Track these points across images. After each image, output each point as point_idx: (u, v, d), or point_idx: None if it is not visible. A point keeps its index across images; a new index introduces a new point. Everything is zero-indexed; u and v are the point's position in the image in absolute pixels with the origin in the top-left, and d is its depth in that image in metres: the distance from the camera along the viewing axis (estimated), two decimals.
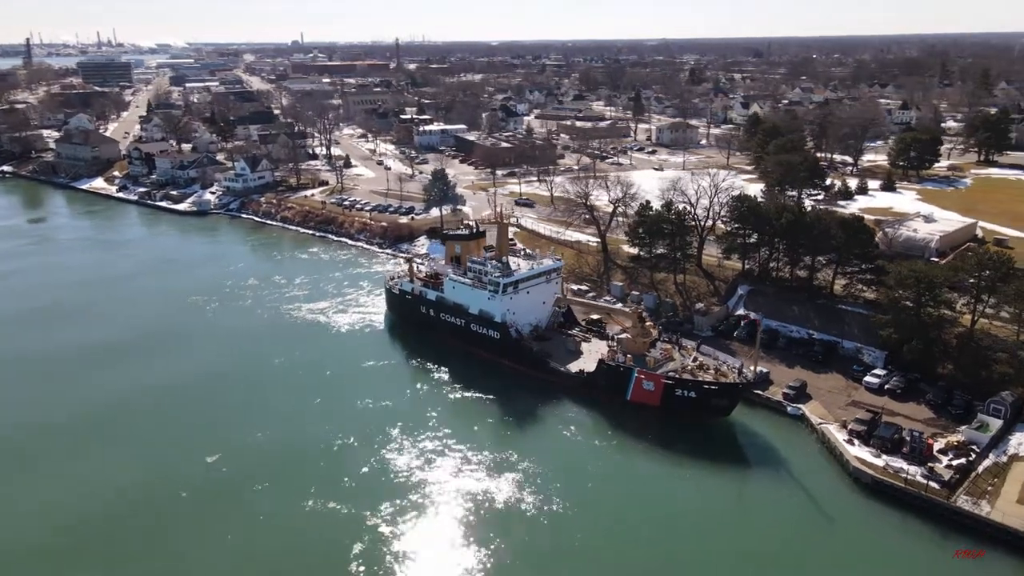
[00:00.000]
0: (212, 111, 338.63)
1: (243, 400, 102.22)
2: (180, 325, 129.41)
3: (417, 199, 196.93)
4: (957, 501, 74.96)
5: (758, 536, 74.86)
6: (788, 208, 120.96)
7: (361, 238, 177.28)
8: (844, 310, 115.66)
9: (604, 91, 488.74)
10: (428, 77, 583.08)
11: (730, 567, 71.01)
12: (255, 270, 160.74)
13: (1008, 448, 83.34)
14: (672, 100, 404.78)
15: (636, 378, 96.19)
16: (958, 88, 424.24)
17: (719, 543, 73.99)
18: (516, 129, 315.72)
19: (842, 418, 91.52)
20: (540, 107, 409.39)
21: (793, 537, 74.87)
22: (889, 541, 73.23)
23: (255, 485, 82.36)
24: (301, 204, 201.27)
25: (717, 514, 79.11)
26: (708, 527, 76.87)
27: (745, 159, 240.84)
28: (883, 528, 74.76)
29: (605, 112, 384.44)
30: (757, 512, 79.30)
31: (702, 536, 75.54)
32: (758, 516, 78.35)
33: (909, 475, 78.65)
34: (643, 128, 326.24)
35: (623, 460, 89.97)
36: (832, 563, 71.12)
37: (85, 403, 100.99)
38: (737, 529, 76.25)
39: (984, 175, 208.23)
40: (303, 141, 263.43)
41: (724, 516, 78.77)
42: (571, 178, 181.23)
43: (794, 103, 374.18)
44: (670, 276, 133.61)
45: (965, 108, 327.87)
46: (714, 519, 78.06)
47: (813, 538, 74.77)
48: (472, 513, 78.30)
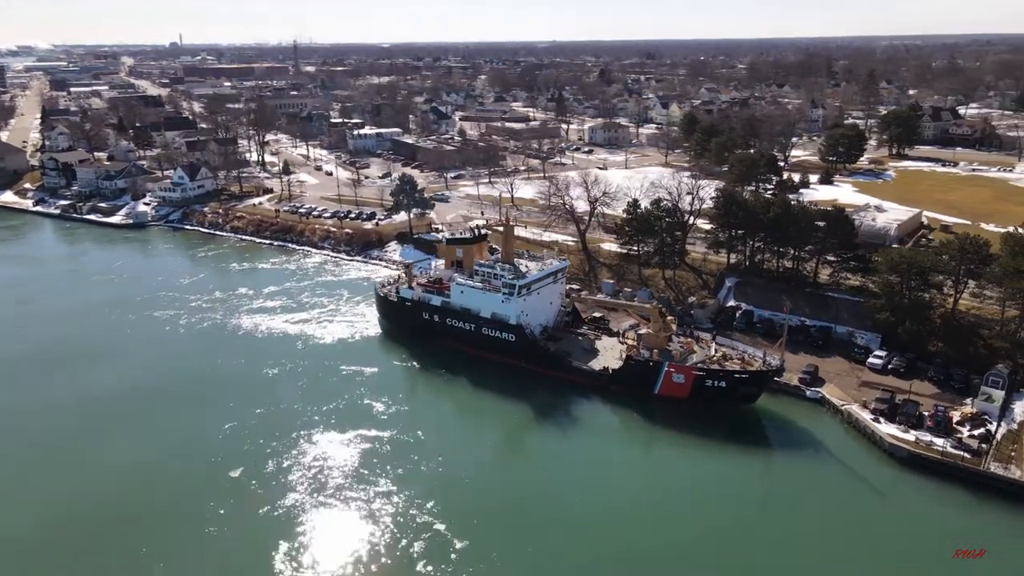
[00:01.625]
0: (119, 117, 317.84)
1: (263, 417, 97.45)
2: (155, 341, 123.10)
3: (374, 204, 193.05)
4: (989, 467, 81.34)
5: (814, 516, 78.12)
6: (774, 202, 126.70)
7: (326, 246, 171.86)
8: (832, 297, 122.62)
9: (519, 92, 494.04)
10: (337, 80, 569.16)
11: (795, 545, 73.79)
12: (218, 283, 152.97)
13: (1015, 416, 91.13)
14: (592, 101, 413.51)
15: (666, 372, 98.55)
16: (845, 88, 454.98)
17: (774, 525, 77.07)
18: (448, 131, 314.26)
19: (857, 399, 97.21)
20: (461, 109, 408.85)
21: (851, 513, 78.49)
22: (939, 509, 78.68)
23: (304, 498, 79.74)
24: (251, 213, 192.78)
25: (765, 497, 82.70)
26: (758, 510, 79.88)
27: (683, 157, 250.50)
28: (929, 498, 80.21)
29: (529, 113, 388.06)
30: (805, 492, 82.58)
31: (756, 519, 78.17)
32: (807, 496, 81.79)
33: (938, 447, 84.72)
34: (572, 128, 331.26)
35: (658, 452, 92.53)
36: (893, 533, 75.20)
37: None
38: (789, 510, 79.59)
39: (902, 168, 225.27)
40: (234, 147, 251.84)
41: (773, 498, 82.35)
42: (548, 178, 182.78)
43: (706, 103, 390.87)
44: (658, 272, 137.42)
45: (861, 106, 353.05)
46: (763, 502, 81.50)
47: (869, 512, 78.75)
48: (518, 509, 79.46)
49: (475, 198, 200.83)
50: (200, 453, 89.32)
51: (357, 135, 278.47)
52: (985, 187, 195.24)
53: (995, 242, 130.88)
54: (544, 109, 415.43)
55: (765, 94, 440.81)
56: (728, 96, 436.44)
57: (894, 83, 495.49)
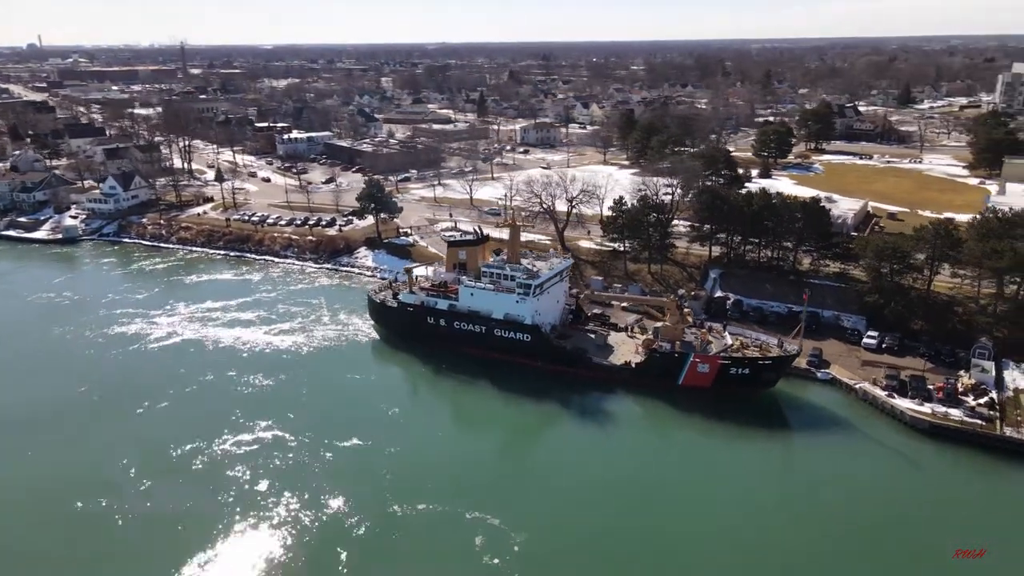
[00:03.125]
0: (12, 124, 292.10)
1: (297, 430, 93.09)
2: (130, 360, 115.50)
3: (329, 210, 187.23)
4: (1004, 432, 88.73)
5: (853, 488, 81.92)
6: (755, 196, 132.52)
7: (289, 254, 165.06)
8: (814, 283, 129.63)
9: (431, 94, 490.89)
10: (237, 83, 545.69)
11: (845, 518, 77.27)
12: (179, 296, 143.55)
13: (1007, 383, 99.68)
14: (511, 102, 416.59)
15: (691, 362, 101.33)
16: (748, 88, 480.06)
17: (819, 501, 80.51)
18: (376, 134, 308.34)
19: (865, 378, 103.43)
20: (379, 112, 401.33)
21: (888, 483, 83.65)
22: (968, 475, 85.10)
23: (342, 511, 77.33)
24: (198, 223, 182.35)
25: (804, 476, 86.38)
26: (800, 489, 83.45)
27: (619, 156, 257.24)
28: (959, 464, 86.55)
29: (449, 115, 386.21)
30: (842, 466, 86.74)
31: (799, 497, 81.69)
32: (845, 470, 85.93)
33: (955, 417, 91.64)
34: (500, 130, 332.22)
35: (690, 439, 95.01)
36: (937, 500, 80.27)
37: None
38: (829, 485, 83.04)
39: (826, 161, 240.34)
40: (158, 155, 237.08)
41: (812, 477, 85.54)
42: (508, 179, 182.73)
43: (621, 102, 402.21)
44: (643, 267, 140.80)
45: (769, 105, 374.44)
46: (803, 481, 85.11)
47: (906, 482, 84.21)
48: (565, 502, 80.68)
49: (431, 200, 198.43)
50: (246, 475, 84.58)
51: (287, 139, 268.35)
52: (905, 178, 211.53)
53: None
54: (460, 110, 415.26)
55: (672, 94, 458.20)
56: (639, 96, 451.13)
57: (784, 83, 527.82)
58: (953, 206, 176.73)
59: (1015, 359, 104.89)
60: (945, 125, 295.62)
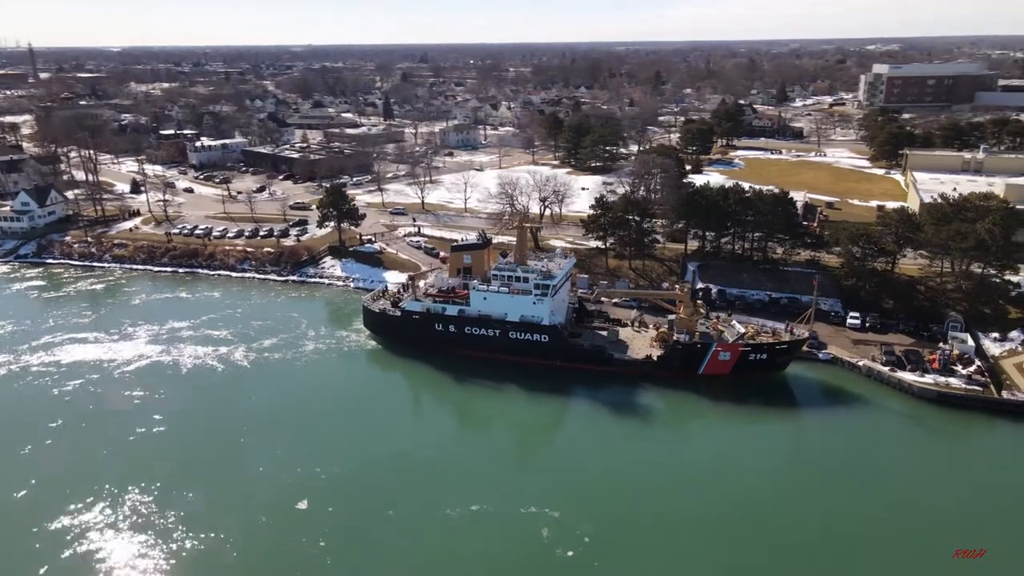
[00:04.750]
0: None
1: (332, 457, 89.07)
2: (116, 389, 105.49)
3: (275, 219, 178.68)
4: (1003, 396, 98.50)
5: (883, 462, 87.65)
6: (732, 191, 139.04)
7: (247, 268, 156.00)
8: (788, 271, 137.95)
9: (323, 97, 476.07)
10: (110, 89, 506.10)
11: (880, 485, 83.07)
12: (135, 317, 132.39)
13: (987, 352, 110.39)
14: (415, 105, 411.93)
15: (714, 351, 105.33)
16: (637, 88, 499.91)
17: (849, 471, 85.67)
18: (290, 140, 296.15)
19: (863, 355, 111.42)
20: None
21: (911, 449, 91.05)
22: (984, 432, 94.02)
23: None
24: (133, 239, 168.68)
25: (832, 449, 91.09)
26: (830, 461, 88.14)
27: (545, 155, 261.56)
28: (970, 426, 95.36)
29: (356, 119, 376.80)
30: (863, 440, 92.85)
31: (832, 469, 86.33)
32: (866, 443, 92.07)
33: (956, 385, 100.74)
34: (416, 133, 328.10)
35: (720, 425, 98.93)
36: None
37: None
38: (855, 457, 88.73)
39: (742, 156, 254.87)
40: (57, 167, 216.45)
41: (840, 448, 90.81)
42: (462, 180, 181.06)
43: (526, 103, 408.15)
44: (624, 263, 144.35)
45: (672, 104, 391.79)
46: (831, 453, 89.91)
47: (927, 446, 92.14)
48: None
49: (379, 206, 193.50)
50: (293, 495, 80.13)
51: (200, 147, 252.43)
52: (821, 170, 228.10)
53: (869, 215, 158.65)
54: (363, 114, 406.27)
55: (567, 95, 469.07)
56: (538, 96, 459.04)
57: (668, 84, 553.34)
58: (873, 194, 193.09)
59: (981, 330, 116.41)
60: (831, 121, 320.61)
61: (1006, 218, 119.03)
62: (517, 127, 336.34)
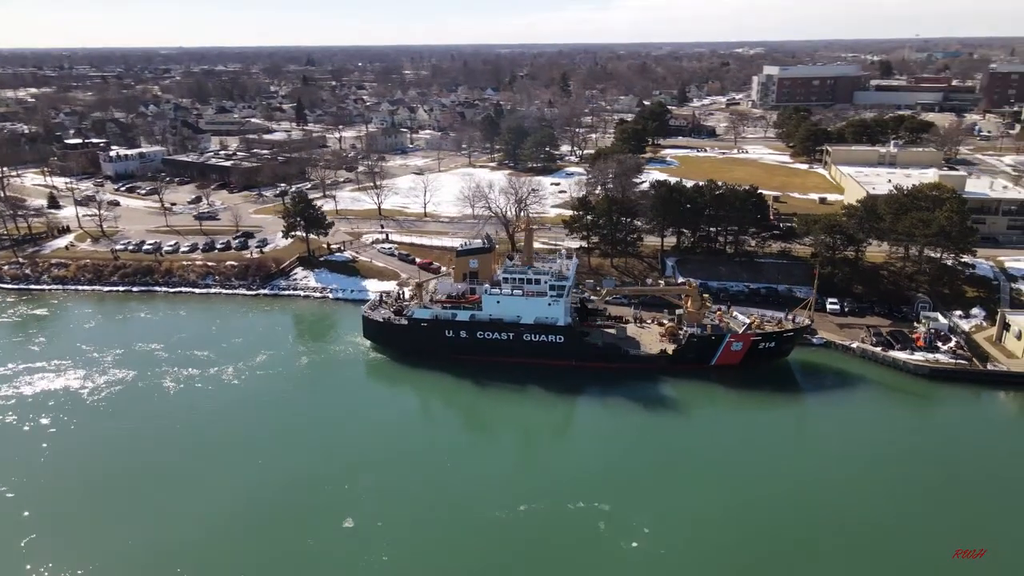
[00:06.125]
0: None
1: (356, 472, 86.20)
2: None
3: (226, 231, 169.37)
4: (987, 367, 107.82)
5: (891, 435, 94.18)
6: (707, 188, 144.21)
7: (211, 283, 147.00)
8: (761, 263, 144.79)
9: (224, 103, 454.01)
10: None
11: (892, 456, 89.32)
12: (99, 342, 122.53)
13: (959, 328, 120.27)
14: (328, 109, 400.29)
15: (727, 342, 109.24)
16: (548, 90, 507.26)
17: (861, 446, 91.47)
18: (206, 147, 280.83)
19: (853, 338, 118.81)
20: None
21: (919, 424, 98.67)
22: (975, 403, 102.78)
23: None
24: (74, 257, 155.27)
25: (841, 428, 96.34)
26: (841, 440, 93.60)
27: (480, 157, 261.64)
28: (964, 397, 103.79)
29: (268, 125, 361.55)
30: (870, 415, 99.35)
31: (841, 445, 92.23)
32: (873, 419, 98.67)
33: (946, 361, 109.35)
34: (339, 137, 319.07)
35: (730, 409, 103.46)
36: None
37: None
38: (866, 432, 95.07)
39: (673, 155, 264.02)
40: None
41: (850, 428, 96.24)
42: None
43: (442, 107, 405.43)
44: (605, 261, 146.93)
45: (589, 105, 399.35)
46: (843, 433, 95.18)
47: (930, 419, 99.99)
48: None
49: (332, 213, 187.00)
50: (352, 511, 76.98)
51: (116, 157, 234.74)
52: (750, 166, 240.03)
53: (813, 207, 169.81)
54: (269, 119, 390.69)
55: (475, 98, 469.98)
56: (448, 99, 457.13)
57: (570, 85, 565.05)
58: (807, 188, 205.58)
59: (945, 309, 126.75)
60: (743, 120, 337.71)
61: (960, 207, 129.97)
62: (438, 130, 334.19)
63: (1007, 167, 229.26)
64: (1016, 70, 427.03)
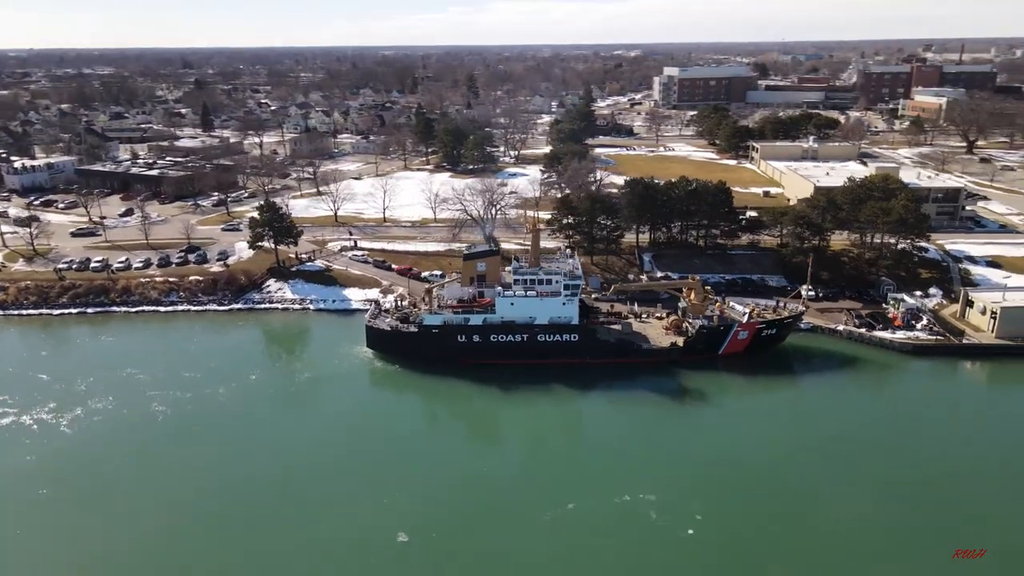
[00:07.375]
0: None
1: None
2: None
3: (176, 243, 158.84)
4: (962, 341, 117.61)
5: (888, 406, 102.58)
6: (676, 185, 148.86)
7: (176, 300, 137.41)
8: (732, 255, 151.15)
9: (108, 108, 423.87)
10: None
11: (888, 428, 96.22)
12: (65, 368, 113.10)
13: (922, 306, 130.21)
14: (234, 114, 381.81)
15: (734, 332, 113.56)
16: (455, 91, 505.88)
17: (861, 420, 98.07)
18: (115, 155, 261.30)
19: (837, 321, 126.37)
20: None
21: (913, 395, 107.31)
22: (956, 371, 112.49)
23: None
24: (11, 280, 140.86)
25: (840, 404, 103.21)
26: (841, 416, 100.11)
27: (414, 160, 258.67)
28: (948, 369, 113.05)
29: (173, 132, 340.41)
30: (864, 391, 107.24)
31: (843, 420, 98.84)
32: (867, 394, 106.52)
33: (926, 338, 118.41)
34: (259, 143, 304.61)
35: (737, 394, 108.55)
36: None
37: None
38: (865, 407, 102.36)
39: (607, 154, 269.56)
40: None
41: (848, 404, 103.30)
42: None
43: (357, 109, 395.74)
44: (587, 260, 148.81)
45: (501, 107, 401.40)
46: (843, 409, 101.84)
47: (924, 389, 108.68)
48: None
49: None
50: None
51: (22, 169, 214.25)
52: (682, 163, 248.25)
53: (757, 200, 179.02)
54: (170, 124, 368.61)
55: (384, 100, 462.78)
56: (357, 102, 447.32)
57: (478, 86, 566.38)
58: (744, 182, 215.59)
59: (905, 290, 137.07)
60: (660, 118, 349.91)
61: (912, 196, 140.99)
62: (357, 133, 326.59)
63: (905, 159, 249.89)
64: (887, 70, 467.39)
